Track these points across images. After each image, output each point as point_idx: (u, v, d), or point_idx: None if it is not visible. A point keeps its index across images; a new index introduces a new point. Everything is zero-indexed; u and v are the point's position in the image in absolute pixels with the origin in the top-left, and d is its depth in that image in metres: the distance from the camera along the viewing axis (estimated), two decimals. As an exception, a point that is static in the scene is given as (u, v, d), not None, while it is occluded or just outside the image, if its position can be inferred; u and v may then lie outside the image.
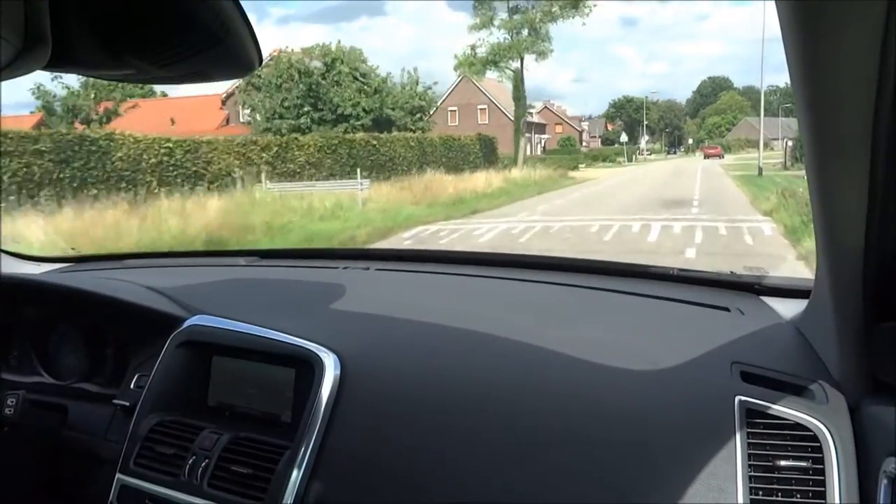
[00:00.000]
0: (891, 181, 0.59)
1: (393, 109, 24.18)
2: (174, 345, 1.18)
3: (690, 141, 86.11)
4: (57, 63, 0.46)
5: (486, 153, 26.69)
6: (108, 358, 1.35)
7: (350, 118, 23.29)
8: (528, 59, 27.34)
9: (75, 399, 1.31)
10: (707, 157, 52.45)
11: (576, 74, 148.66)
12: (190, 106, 27.60)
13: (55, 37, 0.44)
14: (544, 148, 50.99)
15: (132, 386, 1.24)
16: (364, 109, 23.33)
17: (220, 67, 0.52)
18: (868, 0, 0.48)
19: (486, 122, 45.19)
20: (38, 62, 0.45)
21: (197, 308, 1.24)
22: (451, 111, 45.85)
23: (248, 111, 23.66)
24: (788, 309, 1.09)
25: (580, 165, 43.15)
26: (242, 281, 1.55)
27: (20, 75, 0.45)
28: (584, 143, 70.24)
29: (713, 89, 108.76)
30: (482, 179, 17.60)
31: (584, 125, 79.04)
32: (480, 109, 45.61)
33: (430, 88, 26.54)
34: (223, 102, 29.77)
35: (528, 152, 47.95)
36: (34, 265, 1.74)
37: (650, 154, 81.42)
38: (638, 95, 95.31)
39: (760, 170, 21.55)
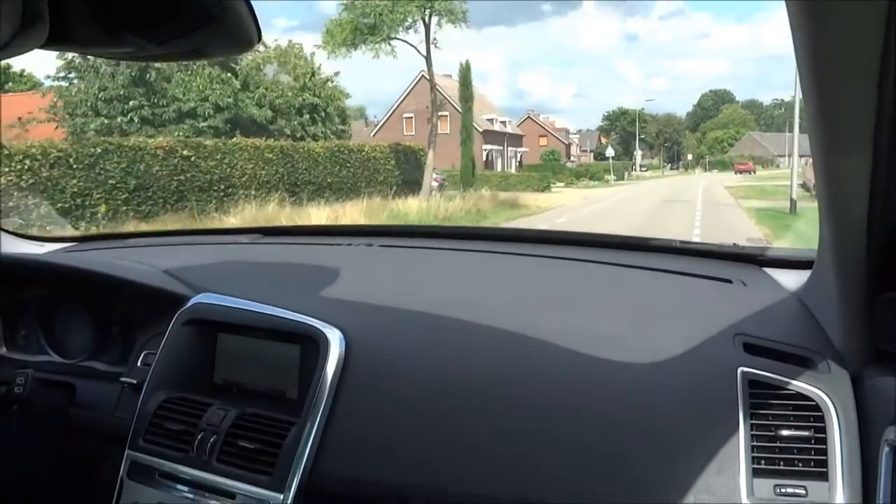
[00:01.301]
0: (894, 153, 0.60)
1: (260, 107, 16.92)
2: (180, 323, 1.17)
3: (690, 156, 78.78)
4: (55, 42, 0.46)
5: (407, 171, 19.43)
6: (115, 336, 1.34)
7: (196, 116, 16.06)
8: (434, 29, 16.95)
9: (83, 377, 1.32)
10: (738, 172, 49.47)
11: (577, 90, 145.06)
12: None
13: (53, 15, 0.43)
14: (520, 163, 43.77)
15: (139, 364, 1.24)
16: (216, 105, 16.12)
17: (218, 44, 0.52)
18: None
19: (448, 130, 38.18)
20: (37, 41, 0.45)
21: (202, 286, 1.22)
22: (406, 118, 38.75)
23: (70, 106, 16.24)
24: (791, 280, 1.08)
25: (556, 185, 36.09)
26: (246, 259, 1.54)
27: (18, 55, 0.45)
28: (571, 158, 63.18)
29: (714, 102, 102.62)
30: (329, 220, 10.22)
31: (574, 138, 71.89)
32: (441, 116, 38.34)
33: (330, 81, 19.37)
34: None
35: (500, 167, 40.96)
36: (37, 245, 1.71)
37: (646, 170, 74.62)
38: (635, 108, 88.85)
39: (794, 203, 14.02)
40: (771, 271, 1.15)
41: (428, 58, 17.35)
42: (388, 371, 0.98)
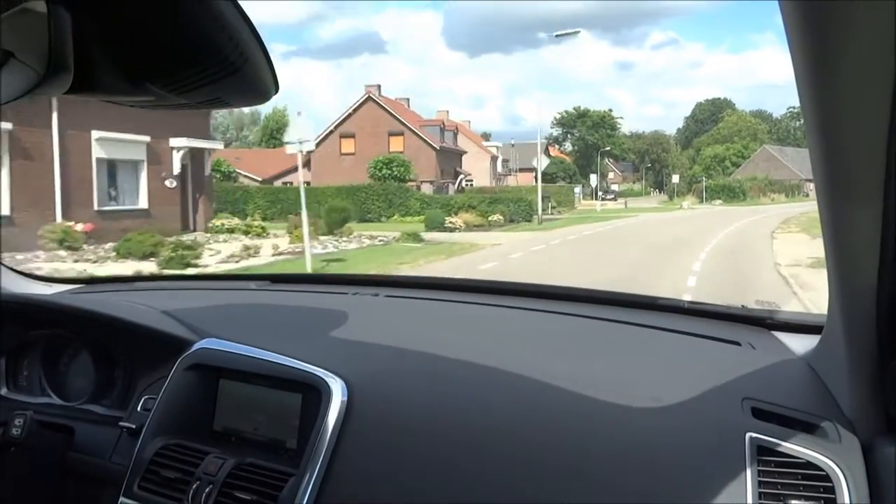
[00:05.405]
0: None
1: None
2: (182, 368, 1.16)
3: (676, 179, 51.59)
4: (78, 88, 0.47)
5: None
6: (117, 380, 1.33)
7: None
8: None
9: (82, 420, 1.30)
10: None
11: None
12: None
13: (77, 63, 0.45)
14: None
15: (139, 408, 1.22)
16: None
17: (237, 95, 0.53)
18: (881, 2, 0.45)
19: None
20: (61, 87, 0.46)
21: (206, 331, 1.22)
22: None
23: None
24: (800, 344, 1.08)
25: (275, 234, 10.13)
26: (252, 305, 1.55)
27: (42, 97, 0.47)
28: (461, 177, 37.04)
29: (712, 113, 76.48)
30: None
31: (493, 148, 45.82)
32: None
33: None
34: None
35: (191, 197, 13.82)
36: (45, 286, 1.71)
37: (613, 198, 48.27)
38: (599, 110, 63.44)
39: None
40: (780, 335, 1.14)
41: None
42: (391, 422, 0.98)
